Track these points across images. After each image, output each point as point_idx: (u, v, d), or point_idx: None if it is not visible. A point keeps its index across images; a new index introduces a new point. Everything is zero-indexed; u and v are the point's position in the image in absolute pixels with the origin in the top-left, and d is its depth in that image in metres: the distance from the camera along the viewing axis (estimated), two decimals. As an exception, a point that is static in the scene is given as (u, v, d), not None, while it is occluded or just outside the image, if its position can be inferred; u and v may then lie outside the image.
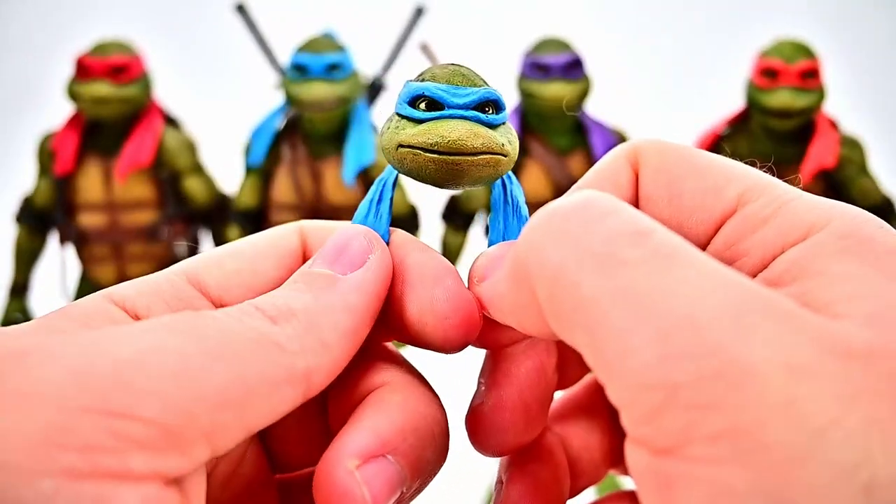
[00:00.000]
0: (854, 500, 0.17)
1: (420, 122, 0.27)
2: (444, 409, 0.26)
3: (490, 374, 0.27)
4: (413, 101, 0.28)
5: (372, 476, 0.23)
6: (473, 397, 0.28)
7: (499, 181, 0.29)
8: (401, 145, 0.27)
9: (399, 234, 0.28)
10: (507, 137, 0.28)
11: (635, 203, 0.26)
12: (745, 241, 0.24)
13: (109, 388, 0.20)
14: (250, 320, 0.23)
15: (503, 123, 0.28)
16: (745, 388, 0.18)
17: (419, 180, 0.28)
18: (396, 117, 0.28)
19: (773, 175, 0.25)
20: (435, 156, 0.27)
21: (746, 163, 0.25)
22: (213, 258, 0.27)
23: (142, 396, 0.20)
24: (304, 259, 0.28)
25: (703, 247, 0.25)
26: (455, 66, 0.28)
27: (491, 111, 0.28)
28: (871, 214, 0.22)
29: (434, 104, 0.27)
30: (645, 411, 0.19)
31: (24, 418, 0.19)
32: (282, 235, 0.28)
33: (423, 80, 0.28)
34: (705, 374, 0.18)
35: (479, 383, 0.28)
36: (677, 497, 0.18)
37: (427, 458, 0.24)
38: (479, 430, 0.27)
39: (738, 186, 0.24)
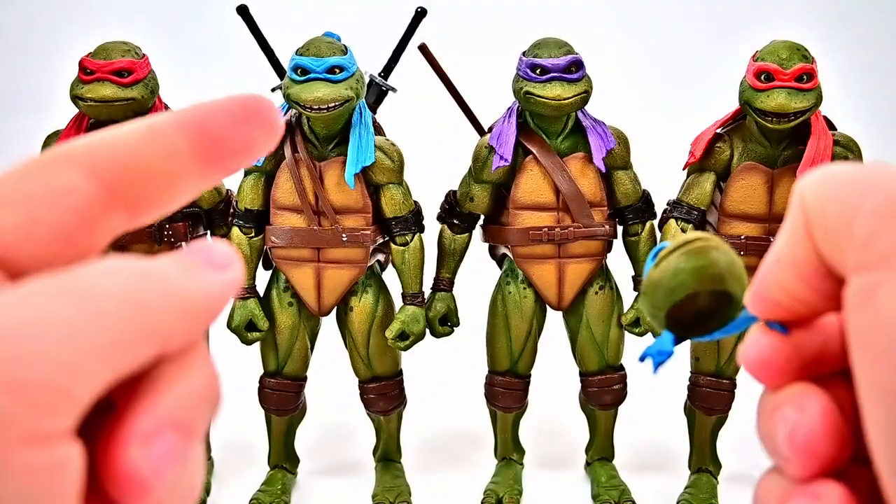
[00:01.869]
0: None
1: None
2: (216, 371, 0.27)
3: (799, 399, 0.28)
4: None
5: (158, 455, 0.24)
6: (782, 422, 0.28)
7: None
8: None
9: None
10: None
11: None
12: None
13: (8, 359, 0.21)
14: (118, 278, 0.24)
15: None
16: None
17: (686, 291, 0.32)
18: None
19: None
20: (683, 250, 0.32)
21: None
22: None
23: (38, 362, 0.21)
24: (107, 202, 0.28)
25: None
26: None
27: None
28: None
29: None
30: (866, 237, 0.24)
31: None
32: (58, 173, 0.27)
33: None
34: None
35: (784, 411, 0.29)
36: (878, 299, 0.24)
37: (207, 420, 0.26)
38: (811, 450, 0.28)
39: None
